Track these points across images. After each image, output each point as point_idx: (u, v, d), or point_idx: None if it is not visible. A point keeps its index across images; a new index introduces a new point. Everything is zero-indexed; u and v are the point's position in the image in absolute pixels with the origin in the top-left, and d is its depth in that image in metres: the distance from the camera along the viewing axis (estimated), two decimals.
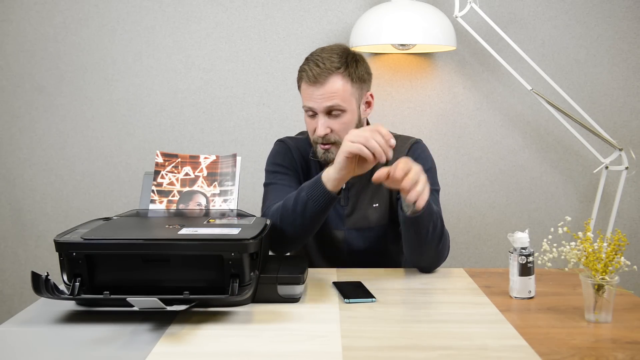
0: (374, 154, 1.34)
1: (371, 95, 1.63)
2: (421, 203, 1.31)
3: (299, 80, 1.58)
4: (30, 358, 1.03)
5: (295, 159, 1.68)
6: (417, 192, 1.30)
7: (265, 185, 1.66)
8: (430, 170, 1.62)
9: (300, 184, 1.61)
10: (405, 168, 1.31)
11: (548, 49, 2.41)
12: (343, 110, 1.54)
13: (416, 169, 1.32)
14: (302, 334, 1.12)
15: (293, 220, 1.44)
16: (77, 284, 1.23)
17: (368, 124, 1.69)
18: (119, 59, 2.42)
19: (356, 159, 1.38)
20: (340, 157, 1.38)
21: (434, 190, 1.60)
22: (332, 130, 1.55)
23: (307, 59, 1.58)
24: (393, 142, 1.36)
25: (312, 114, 1.56)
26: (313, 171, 1.67)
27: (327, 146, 1.57)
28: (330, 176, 1.41)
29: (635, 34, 2.40)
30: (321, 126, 1.54)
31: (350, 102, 1.55)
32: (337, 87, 1.53)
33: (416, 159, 1.61)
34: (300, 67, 1.58)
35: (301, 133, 1.78)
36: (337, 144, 1.55)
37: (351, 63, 1.56)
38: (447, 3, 2.34)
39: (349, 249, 1.64)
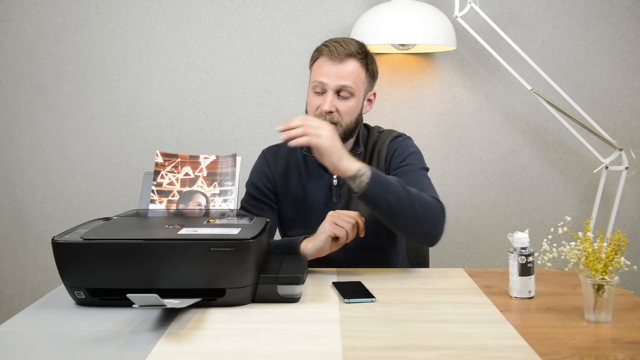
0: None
1: (374, 94, 1.68)
2: (287, 137, 1.39)
3: (316, 57, 1.61)
4: (30, 358, 1.03)
5: (273, 176, 1.70)
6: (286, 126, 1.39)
7: (241, 202, 1.71)
8: (412, 154, 1.64)
9: (272, 207, 1.67)
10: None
11: (548, 49, 2.41)
12: (352, 94, 1.58)
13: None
14: (302, 334, 1.12)
15: None
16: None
17: (364, 123, 1.70)
18: (119, 59, 2.42)
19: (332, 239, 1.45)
20: (322, 235, 1.44)
21: (422, 168, 1.62)
22: (337, 110, 1.57)
23: (324, 43, 1.61)
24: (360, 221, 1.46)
25: (321, 90, 1.58)
26: (310, 167, 1.67)
27: None
28: (307, 252, 1.47)
29: (635, 34, 2.40)
30: (328, 102, 1.56)
31: (359, 89, 1.59)
32: (354, 69, 1.57)
33: (397, 147, 1.63)
34: (318, 47, 1.61)
35: None
36: (338, 125, 1.57)
37: (369, 56, 1.62)
38: (447, 3, 2.35)
39: (344, 247, 1.63)
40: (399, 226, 1.47)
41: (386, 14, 2.19)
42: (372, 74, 1.63)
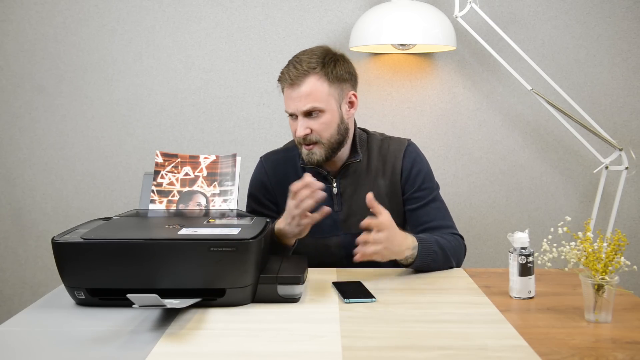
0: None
1: (354, 94, 1.64)
2: (358, 258, 1.40)
3: (280, 83, 1.60)
4: (30, 358, 1.04)
5: (271, 185, 1.69)
6: (362, 255, 1.40)
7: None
8: (428, 172, 1.69)
9: (275, 217, 1.66)
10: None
11: (548, 49, 2.41)
12: (321, 111, 1.56)
13: (381, 237, 1.40)
14: (302, 334, 1.12)
15: None
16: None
17: (355, 124, 1.69)
18: (119, 59, 2.42)
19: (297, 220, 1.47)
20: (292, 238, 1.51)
21: (438, 194, 1.68)
22: (312, 131, 1.57)
23: (289, 61, 1.60)
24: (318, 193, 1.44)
25: (293, 117, 1.58)
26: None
27: (309, 147, 1.58)
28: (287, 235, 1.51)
29: (635, 34, 2.40)
30: (300, 127, 1.56)
31: (328, 102, 1.56)
32: (313, 88, 1.54)
33: (413, 162, 1.65)
34: (282, 70, 1.60)
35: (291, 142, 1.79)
36: (319, 143, 1.58)
37: (328, 63, 1.57)
38: (447, 3, 2.34)
39: (346, 254, 1.63)
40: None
41: (386, 14, 2.19)
42: (338, 79, 1.58)
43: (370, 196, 1.41)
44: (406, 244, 1.46)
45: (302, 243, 1.56)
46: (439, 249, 1.51)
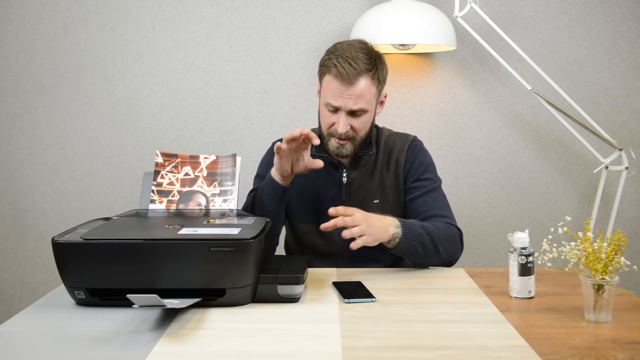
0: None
1: (385, 95, 1.67)
2: (353, 246, 1.38)
3: (324, 72, 1.58)
4: (30, 358, 1.03)
5: None
6: (350, 232, 1.38)
7: (248, 195, 1.70)
8: (430, 165, 1.70)
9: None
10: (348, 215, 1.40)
11: (548, 49, 2.41)
12: (365, 111, 1.58)
13: (357, 217, 1.40)
14: (302, 334, 1.12)
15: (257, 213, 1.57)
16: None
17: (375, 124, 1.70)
18: (119, 59, 2.42)
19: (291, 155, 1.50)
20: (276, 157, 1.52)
21: (439, 185, 1.68)
22: (351, 128, 1.58)
23: (333, 53, 1.57)
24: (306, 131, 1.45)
25: (334, 109, 1.58)
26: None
27: (343, 141, 1.59)
28: (276, 174, 1.55)
29: (635, 34, 2.40)
30: (343, 124, 1.56)
31: (372, 103, 1.59)
32: (366, 89, 1.55)
33: (416, 155, 1.66)
34: (327, 60, 1.58)
35: None
36: (352, 139, 1.59)
37: (379, 65, 1.59)
38: (447, 3, 2.35)
39: (349, 245, 1.64)
40: (423, 263, 1.56)
41: (386, 14, 2.19)
42: (382, 81, 1.61)
43: (332, 209, 1.41)
44: (387, 221, 1.45)
45: (306, 232, 1.57)
46: (424, 232, 1.49)
